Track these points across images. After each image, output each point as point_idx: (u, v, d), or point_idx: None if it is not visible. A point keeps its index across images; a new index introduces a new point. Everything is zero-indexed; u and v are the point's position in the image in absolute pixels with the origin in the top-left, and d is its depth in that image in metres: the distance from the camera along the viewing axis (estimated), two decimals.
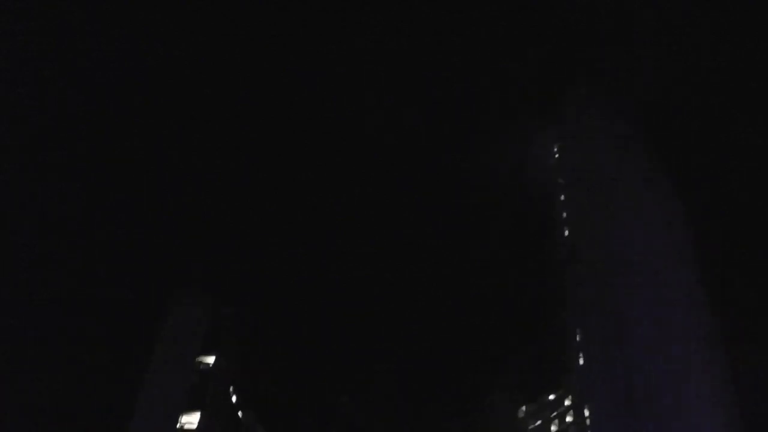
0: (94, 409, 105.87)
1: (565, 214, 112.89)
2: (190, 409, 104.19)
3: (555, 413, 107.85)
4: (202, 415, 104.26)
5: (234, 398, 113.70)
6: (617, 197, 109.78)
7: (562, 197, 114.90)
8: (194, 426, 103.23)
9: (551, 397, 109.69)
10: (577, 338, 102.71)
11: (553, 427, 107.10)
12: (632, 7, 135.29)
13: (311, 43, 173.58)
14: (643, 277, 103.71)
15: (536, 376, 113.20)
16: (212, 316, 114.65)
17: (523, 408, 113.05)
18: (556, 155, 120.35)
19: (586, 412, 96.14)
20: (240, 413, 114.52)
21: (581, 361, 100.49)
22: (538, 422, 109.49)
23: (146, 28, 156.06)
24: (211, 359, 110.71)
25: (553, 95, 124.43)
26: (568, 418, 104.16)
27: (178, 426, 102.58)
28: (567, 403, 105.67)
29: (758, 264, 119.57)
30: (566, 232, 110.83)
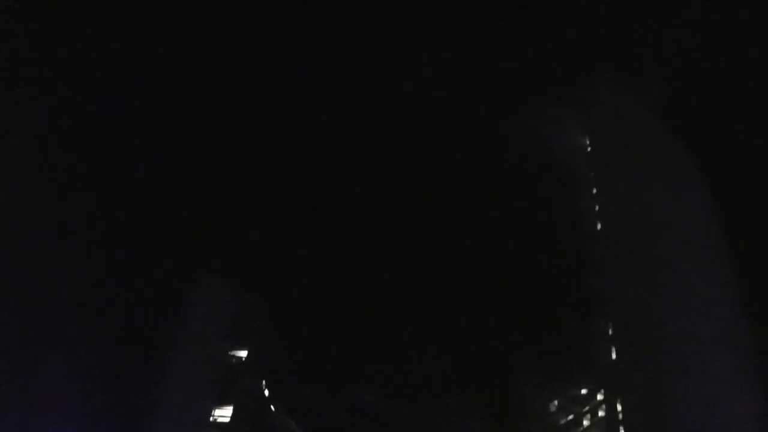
0: (121, 404, 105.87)
1: (597, 207, 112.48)
2: (221, 403, 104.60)
3: (587, 408, 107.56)
4: (234, 409, 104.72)
5: (266, 392, 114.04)
6: (649, 190, 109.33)
7: (594, 190, 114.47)
8: (227, 419, 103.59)
9: (583, 391, 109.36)
10: (610, 332, 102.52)
11: (585, 422, 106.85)
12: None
13: None
14: (675, 271, 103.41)
15: (568, 371, 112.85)
16: (242, 308, 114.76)
17: (555, 402, 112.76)
18: (588, 148, 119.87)
19: (619, 407, 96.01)
20: (272, 407, 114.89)
21: (613, 355, 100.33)
22: (570, 417, 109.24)
23: None
24: (242, 353, 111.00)
25: (584, 86, 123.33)
26: (600, 413, 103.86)
27: (211, 419, 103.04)
28: (599, 397, 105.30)
29: None
30: (599, 226, 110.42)
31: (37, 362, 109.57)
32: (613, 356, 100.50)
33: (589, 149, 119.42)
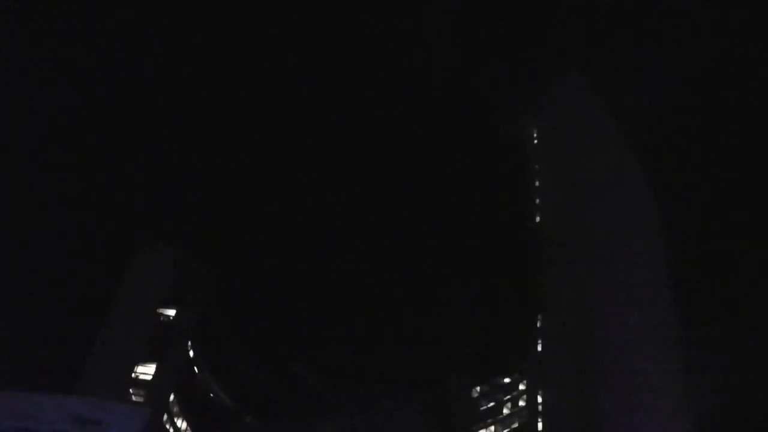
0: (50, 352, 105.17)
1: (538, 201, 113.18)
2: (146, 360, 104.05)
3: (508, 396, 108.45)
4: (157, 367, 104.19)
5: (191, 353, 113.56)
6: (592, 187, 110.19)
7: (537, 183, 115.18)
8: (149, 377, 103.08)
9: (506, 380, 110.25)
10: (538, 324, 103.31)
11: (506, 410, 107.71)
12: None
13: None
14: (610, 270, 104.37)
15: (494, 360, 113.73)
16: (176, 268, 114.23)
17: (477, 389, 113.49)
18: (535, 141, 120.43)
19: (539, 398, 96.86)
20: (195, 369, 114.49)
21: (539, 347, 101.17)
22: (491, 404, 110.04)
23: None
24: (171, 312, 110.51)
25: (536, 83, 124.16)
26: (521, 403, 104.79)
27: (133, 375, 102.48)
28: (521, 387, 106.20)
29: (725, 261, 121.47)
30: (538, 219, 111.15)
31: None
32: (539, 348, 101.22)
33: (536, 141, 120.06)
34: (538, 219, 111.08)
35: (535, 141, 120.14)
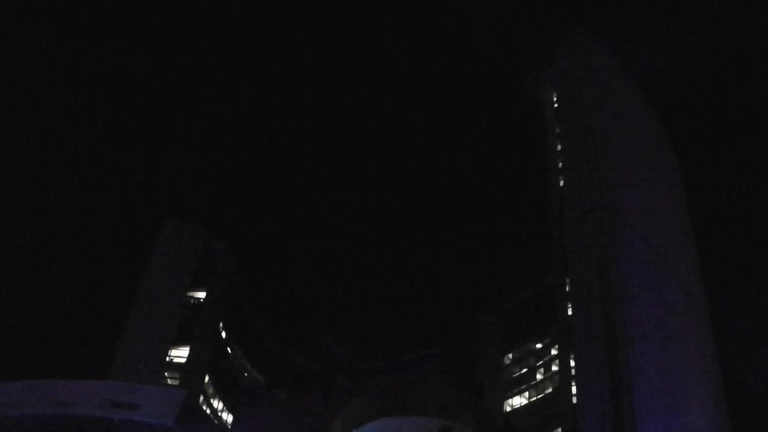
0: (82, 340, 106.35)
1: (560, 164, 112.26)
2: (178, 343, 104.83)
3: (540, 362, 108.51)
4: (190, 350, 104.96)
5: (224, 334, 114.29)
6: (613, 148, 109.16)
7: (558, 146, 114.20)
8: (183, 360, 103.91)
9: (538, 345, 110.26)
10: (567, 289, 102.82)
11: (538, 376, 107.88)
12: None
13: None
14: (634, 232, 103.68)
15: (524, 324, 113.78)
16: (203, 251, 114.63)
17: (509, 355, 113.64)
18: (555, 104, 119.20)
19: (572, 362, 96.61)
20: (228, 349, 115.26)
21: (569, 312, 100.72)
22: (524, 370, 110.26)
23: None
24: (201, 294, 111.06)
25: (553, 44, 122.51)
26: (554, 368, 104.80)
27: (167, 359, 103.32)
28: (553, 352, 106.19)
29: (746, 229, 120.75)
30: (561, 182, 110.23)
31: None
32: (569, 313, 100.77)
33: (555, 105, 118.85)
34: (561, 182, 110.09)
35: (555, 105, 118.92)
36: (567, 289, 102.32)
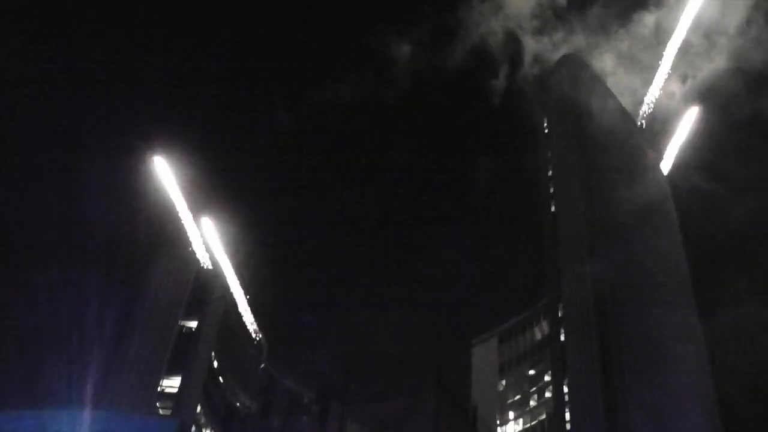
0: (73, 370, 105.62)
1: (552, 189, 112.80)
2: (170, 373, 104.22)
3: (534, 388, 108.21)
4: (182, 379, 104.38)
5: (215, 363, 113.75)
6: (604, 170, 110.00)
7: (550, 172, 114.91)
8: (175, 390, 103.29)
9: (531, 372, 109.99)
10: (559, 313, 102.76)
11: (532, 402, 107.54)
12: None
13: None
14: (628, 256, 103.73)
15: (518, 349, 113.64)
16: (196, 279, 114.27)
17: (503, 381, 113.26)
18: (545, 130, 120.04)
19: (565, 389, 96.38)
20: (220, 378, 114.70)
21: (562, 337, 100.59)
22: (518, 396, 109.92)
23: None
24: (193, 323, 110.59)
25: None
26: (547, 394, 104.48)
27: (159, 388, 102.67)
28: (547, 378, 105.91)
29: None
30: (553, 208, 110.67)
31: None
32: (562, 337, 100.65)
33: (546, 130, 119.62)
34: (553, 209, 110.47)
35: (546, 130, 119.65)
36: (560, 313, 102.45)
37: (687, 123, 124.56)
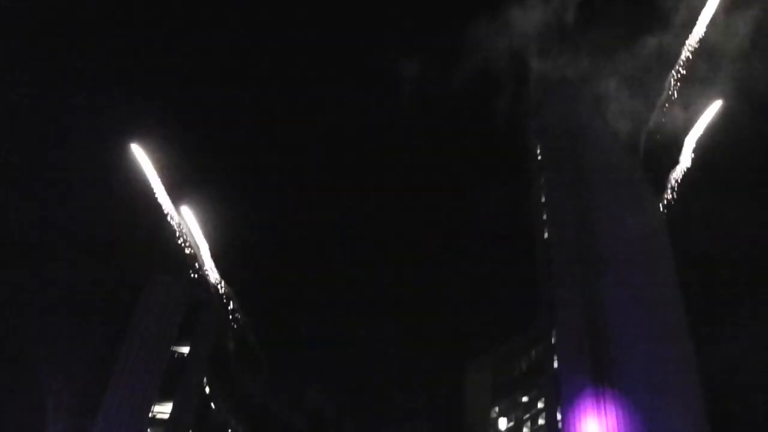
0: (65, 395, 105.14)
1: (545, 215, 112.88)
2: (162, 399, 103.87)
3: (527, 415, 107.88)
4: (173, 405, 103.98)
5: (207, 389, 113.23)
6: (597, 198, 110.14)
7: (543, 198, 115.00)
8: (166, 416, 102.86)
9: (524, 399, 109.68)
10: (552, 340, 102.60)
11: (525, 429, 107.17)
12: None
13: None
14: (621, 281, 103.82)
15: (511, 375, 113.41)
16: (188, 304, 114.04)
17: (496, 408, 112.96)
18: (539, 156, 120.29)
19: (558, 416, 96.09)
20: (213, 404, 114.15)
21: (555, 364, 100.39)
22: (511, 423, 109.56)
23: None
24: (185, 349, 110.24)
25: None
26: (540, 421, 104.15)
27: (150, 415, 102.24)
28: (540, 405, 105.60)
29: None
30: (546, 235, 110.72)
31: None
32: (555, 365, 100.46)
33: (539, 157, 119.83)
34: (546, 235, 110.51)
35: (539, 157, 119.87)
36: (553, 340, 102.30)
37: (689, 149, 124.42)
